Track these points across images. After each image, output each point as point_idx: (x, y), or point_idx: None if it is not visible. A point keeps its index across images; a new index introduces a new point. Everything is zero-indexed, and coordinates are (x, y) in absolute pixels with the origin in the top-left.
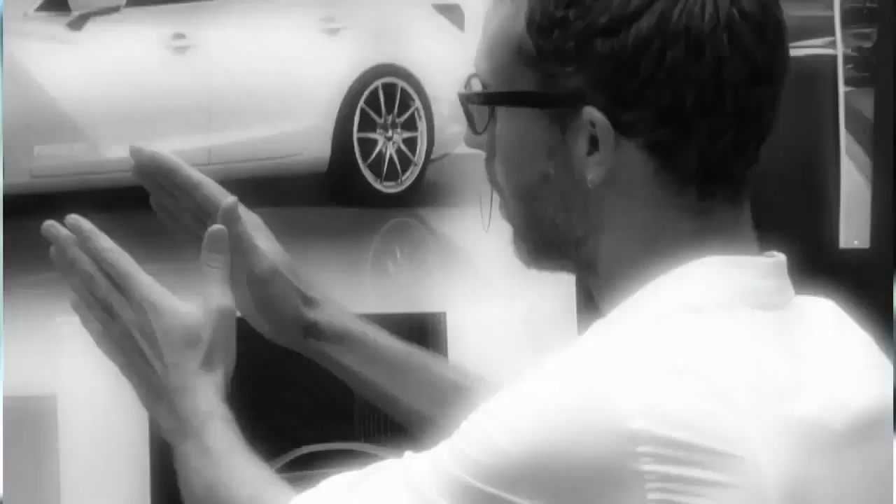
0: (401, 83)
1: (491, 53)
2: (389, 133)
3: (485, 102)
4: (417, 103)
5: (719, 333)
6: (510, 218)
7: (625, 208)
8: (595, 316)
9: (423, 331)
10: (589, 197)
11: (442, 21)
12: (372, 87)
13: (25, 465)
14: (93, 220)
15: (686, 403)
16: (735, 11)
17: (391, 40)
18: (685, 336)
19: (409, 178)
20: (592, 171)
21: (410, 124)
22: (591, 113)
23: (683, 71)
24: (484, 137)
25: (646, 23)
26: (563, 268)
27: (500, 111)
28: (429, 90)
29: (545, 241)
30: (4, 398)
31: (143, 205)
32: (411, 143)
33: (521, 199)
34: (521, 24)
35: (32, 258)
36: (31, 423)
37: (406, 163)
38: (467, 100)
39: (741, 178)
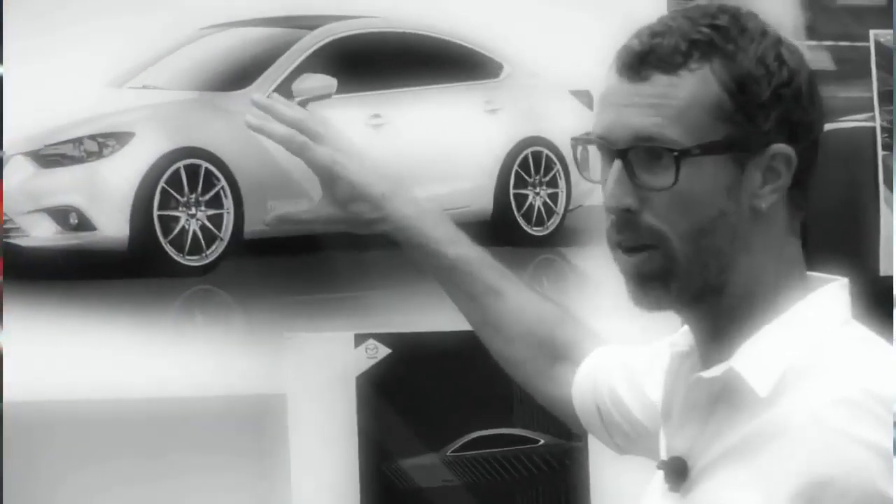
0: (545, 151)
1: (682, 117)
2: (537, 189)
3: (699, 154)
4: (558, 167)
5: (873, 337)
6: (661, 265)
7: (768, 233)
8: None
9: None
10: (748, 226)
11: (575, 103)
12: (523, 154)
13: (254, 461)
14: (305, 260)
15: None
16: (810, 77)
17: (537, 118)
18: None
19: (552, 223)
20: (766, 200)
21: (553, 183)
22: (781, 148)
23: (821, 110)
24: (632, 196)
25: (804, 74)
26: (681, 303)
27: (685, 164)
28: (566, 155)
29: (702, 273)
30: (235, 397)
31: (354, 247)
32: (554, 197)
33: (690, 238)
34: (713, 88)
35: (263, 286)
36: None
37: (550, 212)
38: (683, 154)
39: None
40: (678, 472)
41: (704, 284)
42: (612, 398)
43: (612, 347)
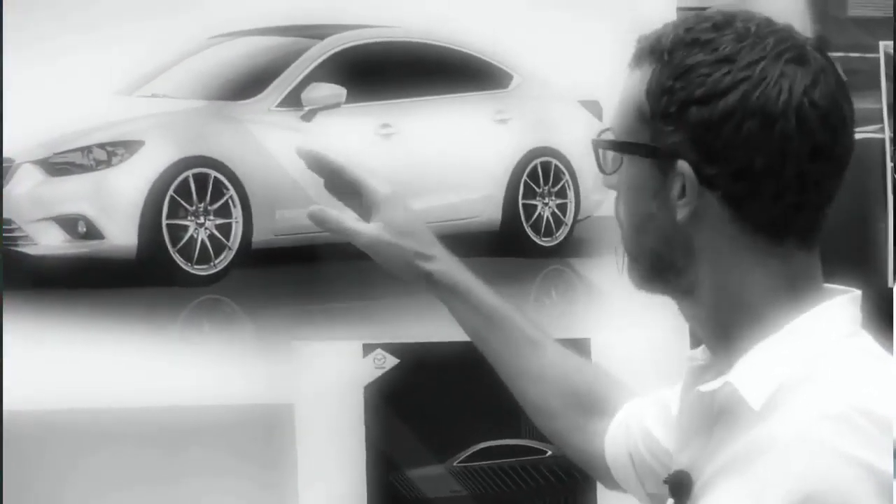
0: (554, 161)
1: (620, 112)
2: (546, 200)
3: (609, 149)
4: (567, 177)
5: (861, 353)
6: (626, 247)
7: (712, 247)
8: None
9: (573, 350)
10: (683, 233)
11: (585, 113)
12: (532, 164)
13: (262, 471)
14: (313, 269)
15: None
16: (805, 100)
17: (546, 128)
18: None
19: (561, 234)
20: (681, 212)
21: (562, 193)
22: (683, 166)
23: (756, 140)
24: (614, 178)
25: (732, 98)
26: (665, 292)
27: (626, 158)
28: (575, 167)
29: (652, 269)
30: (242, 406)
31: (362, 256)
32: (563, 208)
33: (633, 230)
34: (641, 90)
35: (271, 296)
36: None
37: (559, 223)
38: (597, 145)
39: (808, 230)
40: (682, 487)
41: (664, 281)
42: (645, 441)
43: (648, 397)
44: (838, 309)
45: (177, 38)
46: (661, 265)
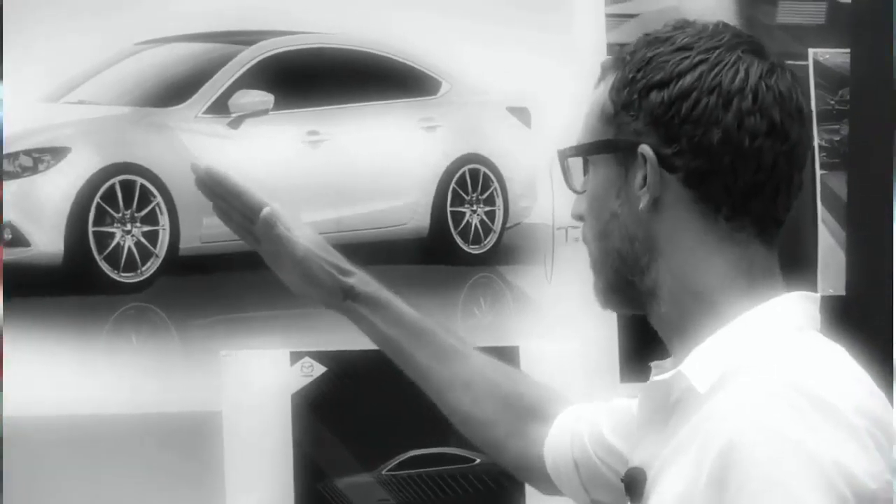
0: (483, 169)
1: (585, 121)
2: (474, 207)
3: (572, 155)
4: (496, 184)
5: (815, 344)
6: (593, 261)
7: (674, 237)
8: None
9: (502, 360)
10: (646, 227)
11: (513, 120)
12: (460, 171)
13: (189, 479)
14: (241, 277)
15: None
16: (763, 83)
17: (475, 135)
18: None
19: (489, 241)
20: (643, 200)
21: (490, 200)
22: (643, 149)
23: (714, 115)
24: (583, 203)
25: (689, 79)
26: (631, 303)
27: (591, 167)
28: (504, 173)
29: (616, 274)
30: (170, 415)
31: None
32: (491, 215)
33: (597, 239)
34: (604, 93)
35: (198, 304)
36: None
37: (487, 230)
38: (562, 155)
39: (766, 220)
40: (636, 482)
41: (628, 285)
42: (598, 448)
43: (591, 404)
44: (794, 304)
45: (103, 45)
46: (625, 268)
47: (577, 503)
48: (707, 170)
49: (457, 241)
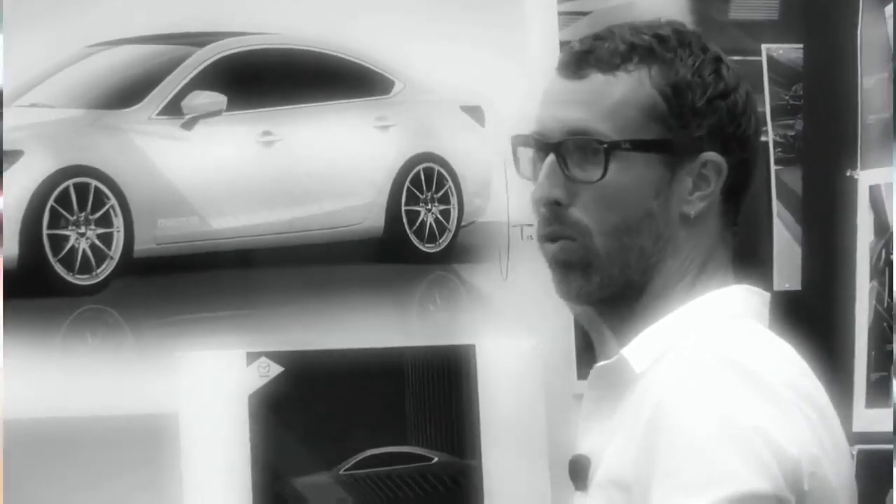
0: (437, 167)
1: (614, 114)
2: (429, 206)
3: (628, 149)
4: (450, 182)
5: (754, 328)
6: (581, 256)
7: (697, 239)
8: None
9: (457, 358)
10: (675, 230)
11: (467, 119)
12: (415, 170)
13: (146, 482)
14: (196, 278)
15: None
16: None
17: (429, 134)
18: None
19: (444, 240)
20: (694, 207)
21: (445, 199)
22: (711, 157)
23: (755, 131)
24: (562, 188)
25: (741, 93)
26: (603, 300)
27: (613, 159)
28: (458, 172)
29: (622, 270)
30: (126, 417)
31: (245, 264)
32: (446, 214)
33: (614, 234)
34: (648, 90)
35: (154, 305)
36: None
37: (442, 229)
38: (612, 146)
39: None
40: (580, 469)
41: (627, 282)
42: None
43: None
44: (737, 295)
45: (55, 47)
46: (638, 265)
47: None
48: (745, 183)
49: (412, 240)
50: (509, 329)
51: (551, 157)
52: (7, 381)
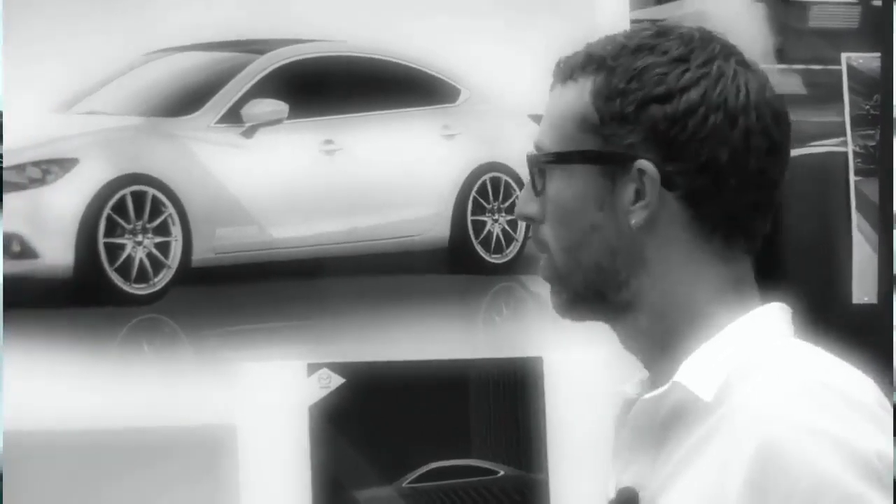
0: (504, 177)
1: (553, 127)
2: (495, 216)
3: (554, 161)
4: (517, 192)
5: (811, 347)
6: (551, 273)
7: (663, 253)
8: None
9: (524, 370)
10: (632, 241)
11: (535, 127)
12: (481, 180)
13: (203, 495)
14: (255, 288)
15: None
16: (761, 98)
17: (495, 143)
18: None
19: (511, 251)
20: (637, 216)
21: (512, 209)
22: (643, 164)
23: (721, 134)
24: (534, 206)
25: (694, 94)
26: (596, 315)
27: (555, 174)
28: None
29: (587, 287)
30: (183, 429)
31: (306, 275)
32: (513, 224)
33: (567, 250)
34: (584, 100)
35: (212, 315)
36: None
37: (509, 239)
38: (535, 160)
39: (757, 236)
40: (629, 502)
41: (601, 297)
42: None
43: None
44: (776, 314)
45: (114, 54)
46: (599, 281)
47: None
48: (710, 190)
49: (478, 251)
50: (578, 341)
51: (529, 174)
52: (58, 392)
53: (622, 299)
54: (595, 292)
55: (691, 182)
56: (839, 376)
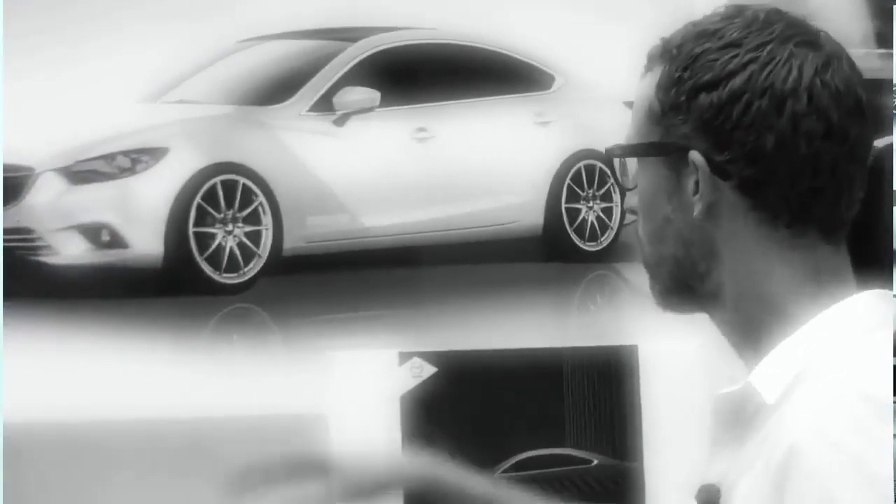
0: (599, 165)
1: (633, 118)
2: (590, 204)
3: (619, 155)
4: (612, 180)
5: (888, 345)
6: (646, 263)
7: (732, 244)
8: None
9: (619, 359)
10: (702, 233)
11: (630, 114)
12: (575, 168)
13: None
14: (347, 276)
15: None
16: (817, 80)
17: (590, 130)
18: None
19: (606, 238)
20: (696, 208)
21: (607, 196)
22: (693, 155)
23: (767, 120)
24: (635, 197)
25: (739, 80)
26: (691, 306)
27: (640, 167)
28: (621, 169)
29: (673, 279)
30: (274, 417)
31: (398, 263)
32: (608, 211)
33: (651, 243)
34: (651, 91)
35: (303, 304)
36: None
37: (604, 227)
38: (609, 153)
39: (830, 223)
40: (710, 500)
41: (688, 289)
42: None
43: None
44: (864, 304)
45: (204, 43)
46: (682, 273)
47: None
48: (762, 178)
49: (572, 239)
50: (673, 329)
51: None
52: (155, 382)
53: (708, 290)
54: (681, 284)
55: (741, 170)
56: (889, 386)
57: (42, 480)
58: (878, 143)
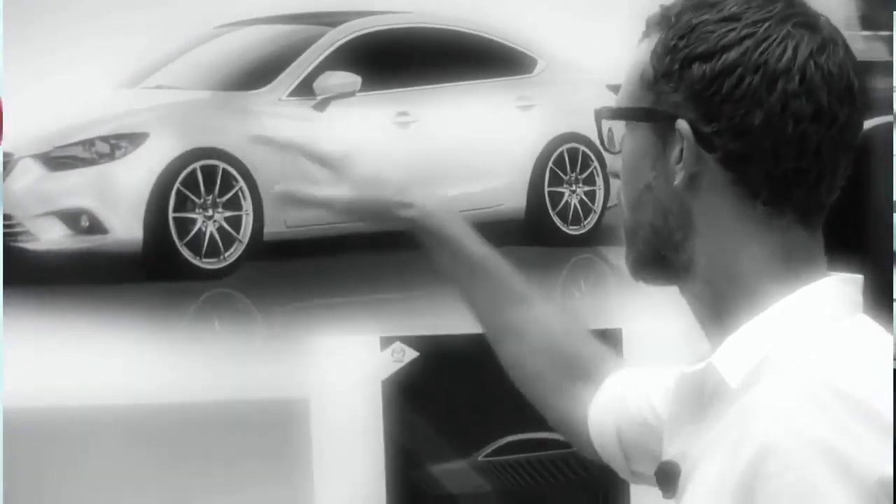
0: (582, 148)
1: (626, 81)
2: (573, 187)
3: (609, 117)
4: (595, 164)
5: (855, 334)
6: (625, 231)
7: (709, 217)
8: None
9: (603, 341)
10: (680, 203)
11: (613, 97)
12: (558, 151)
13: (276, 468)
14: (328, 262)
15: None
16: (811, 62)
17: (573, 114)
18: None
19: (589, 222)
20: (678, 177)
21: (590, 180)
22: (680, 124)
23: (756, 96)
24: (619, 163)
25: (733, 54)
26: (664, 277)
27: (627, 131)
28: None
29: (648, 245)
30: (255, 402)
31: (379, 248)
32: (591, 195)
33: (630, 209)
34: (645, 57)
35: (284, 290)
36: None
37: (587, 210)
38: (598, 115)
39: (809, 205)
40: (669, 477)
41: (661, 259)
42: (645, 414)
43: (640, 369)
44: (834, 289)
45: (183, 28)
46: (657, 241)
47: (618, 472)
48: (746, 153)
49: (555, 222)
50: (657, 313)
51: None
52: (135, 368)
53: (680, 262)
54: (656, 253)
55: (726, 144)
56: (855, 376)
57: (17, 465)
58: (866, 123)
